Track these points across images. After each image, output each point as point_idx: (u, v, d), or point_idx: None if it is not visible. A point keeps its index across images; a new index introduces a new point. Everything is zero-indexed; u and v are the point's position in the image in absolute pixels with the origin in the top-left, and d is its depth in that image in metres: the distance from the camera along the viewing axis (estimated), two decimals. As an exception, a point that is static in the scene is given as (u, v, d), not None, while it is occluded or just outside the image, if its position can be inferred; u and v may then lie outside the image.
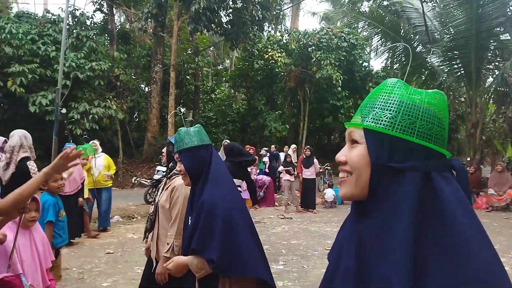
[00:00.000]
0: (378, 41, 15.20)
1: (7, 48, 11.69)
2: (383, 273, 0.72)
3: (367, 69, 18.67)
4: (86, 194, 6.34)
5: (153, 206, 2.79)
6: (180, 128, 2.05)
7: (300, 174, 9.71)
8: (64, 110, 10.90)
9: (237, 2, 14.72)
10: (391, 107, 0.79)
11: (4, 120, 14.38)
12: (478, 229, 0.72)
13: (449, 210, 0.71)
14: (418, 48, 14.28)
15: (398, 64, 15.63)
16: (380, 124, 0.79)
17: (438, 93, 0.81)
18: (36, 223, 2.49)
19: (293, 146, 12.87)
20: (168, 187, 2.64)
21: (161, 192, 2.70)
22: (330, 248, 0.92)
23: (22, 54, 12.00)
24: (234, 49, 17.67)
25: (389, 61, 17.53)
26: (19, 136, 4.11)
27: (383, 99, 0.81)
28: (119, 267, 5.04)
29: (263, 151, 12.16)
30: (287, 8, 24.58)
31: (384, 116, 0.79)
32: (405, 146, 0.76)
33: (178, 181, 2.62)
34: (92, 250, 5.78)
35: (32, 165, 4.06)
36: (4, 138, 4.26)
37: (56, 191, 3.20)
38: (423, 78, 15.26)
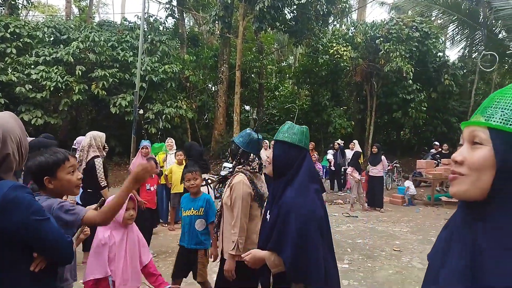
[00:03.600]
0: (454, 29, 14.15)
1: (91, 55, 12.85)
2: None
3: (442, 59, 17.39)
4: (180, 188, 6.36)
5: (220, 202, 2.91)
6: (289, 122, 2.05)
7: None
8: (141, 111, 11.76)
9: (301, -2, 14.60)
10: None
11: (89, 120, 15.98)
12: None
13: None
14: (500, 35, 13.02)
15: (477, 53, 14.40)
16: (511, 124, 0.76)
17: None
18: (133, 223, 2.53)
19: (354, 141, 12.35)
20: (230, 184, 2.72)
21: (226, 189, 2.79)
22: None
23: (103, 60, 13.11)
24: (298, 45, 17.57)
25: (467, 50, 16.22)
26: (90, 137, 4.86)
27: (510, 101, 0.78)
28: (191, 258, 5.36)
29: (336, 145, 11.90)
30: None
31: None
32: None
33: (238, 178, 2.69)
34: (166, 240, 6.22)
35: (98, 162, 4.71)
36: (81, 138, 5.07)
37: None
38: (506, 67, 13.87)
